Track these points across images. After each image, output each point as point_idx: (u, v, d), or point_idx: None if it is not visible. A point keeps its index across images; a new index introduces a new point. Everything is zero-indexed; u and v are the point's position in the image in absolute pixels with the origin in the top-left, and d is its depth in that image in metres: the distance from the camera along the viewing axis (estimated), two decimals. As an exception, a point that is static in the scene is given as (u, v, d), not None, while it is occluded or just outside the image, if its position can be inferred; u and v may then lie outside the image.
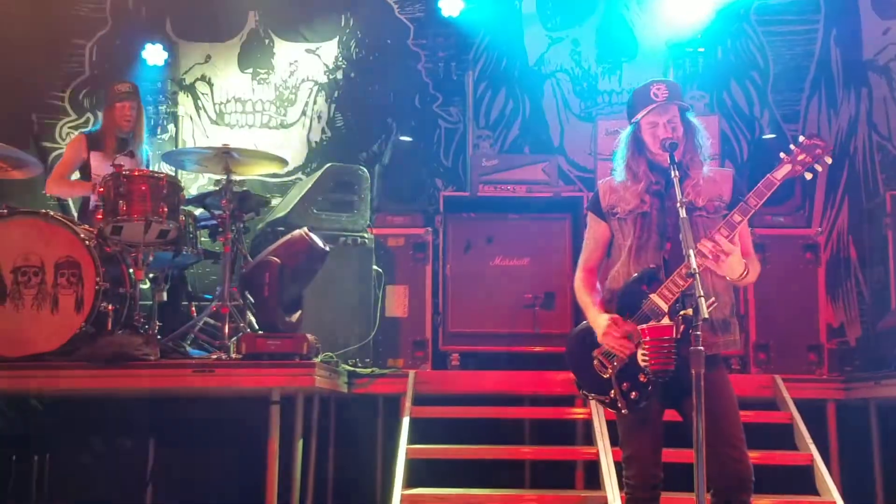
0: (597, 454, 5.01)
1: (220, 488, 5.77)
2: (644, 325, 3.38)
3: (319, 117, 7.75)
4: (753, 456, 3.47)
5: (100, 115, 6.07)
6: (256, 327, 5.52)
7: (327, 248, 5.45)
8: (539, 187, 6.32)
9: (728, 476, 3.38)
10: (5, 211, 5.15)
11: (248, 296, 5.53)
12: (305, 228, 5.44)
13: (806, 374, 5.75)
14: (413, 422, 5.25)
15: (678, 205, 3.34)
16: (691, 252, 3.24)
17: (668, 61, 7.17)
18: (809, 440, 5.07)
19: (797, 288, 5.88)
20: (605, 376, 3.53)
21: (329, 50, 7.82)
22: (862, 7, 7.46)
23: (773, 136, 7.11)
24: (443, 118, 7.68)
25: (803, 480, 4.97)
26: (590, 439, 5.29)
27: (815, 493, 4.89)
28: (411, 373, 5.65)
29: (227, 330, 5.40)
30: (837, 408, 5.60)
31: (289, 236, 5.41)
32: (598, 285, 3.70)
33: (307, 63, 7.81)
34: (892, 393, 5.19)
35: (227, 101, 7.81)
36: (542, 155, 6.83)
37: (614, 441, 4.72)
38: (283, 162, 6.07)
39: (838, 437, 5.51)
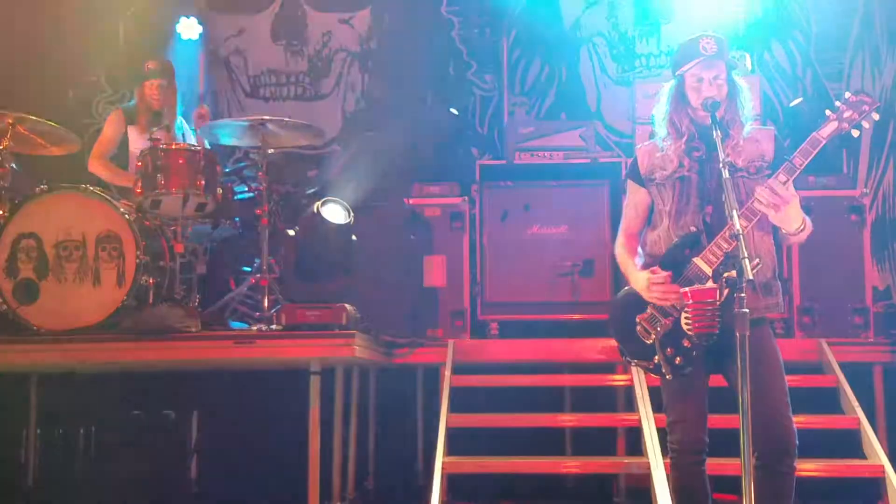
0: (639, 420, 4.97)
1: (263, 459, 5.83)
2: (687, 289, 3.33)
3: (353, 87, 7.72)
4: (799, 420, 3.42)
5: (134, 91, 6.09)
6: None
7: (342, 221, 5.47)
8: (576, 153, 6.25)
9: (772, 440, 3.34)
10: (45, 187, 5.19)
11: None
12: (319, 202, 5.46)
13: (852, 338, 5.66)
14: (453, 391, 5.24)
15: (720, 165, 3.27)
16: (735, 213, 3.17)
17: (706, 22, 7.00)
18: (856, 403, 4.99)
19: (842, 250, 5.76)
20: (648, 342, 3.49)
21: (362, 19, 7.77)
22: (906, -39, 7.26)
23: (799, 99, 6.97)
24: (477, 86, 7.61)
25: (850, 444, 4.91)
26: (631, 406, 5.26)
27: (863, 456, 4.83)
28: (450, 342, 5.64)
29: (266, 302, 5.43)
30: (884, 371, 5.51)
31: (308, 210, 5.46)
32: (639, 249, 3.66)
33: (340, 33, 7.77)
34: (941, 356, 5.10)
35: (261, 74, 7.79)
36: (579, 121, 6.73)
37: (656, 407, 4.70)
38: (319, 133, 6.06)
39: (885, 400, 5.43)
